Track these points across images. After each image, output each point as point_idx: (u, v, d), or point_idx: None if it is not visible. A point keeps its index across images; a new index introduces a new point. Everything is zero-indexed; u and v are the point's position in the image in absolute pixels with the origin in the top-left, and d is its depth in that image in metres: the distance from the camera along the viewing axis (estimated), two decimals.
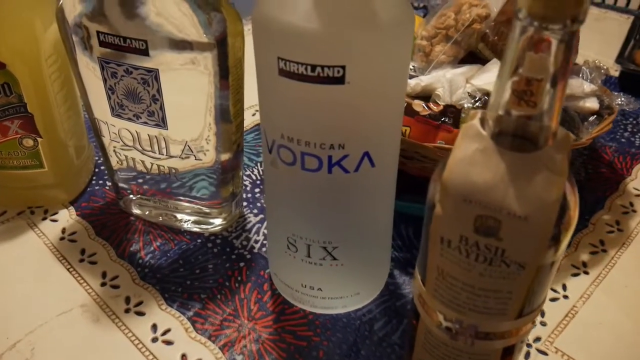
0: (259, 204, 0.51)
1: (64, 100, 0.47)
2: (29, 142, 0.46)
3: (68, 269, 0.44)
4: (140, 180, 0.46)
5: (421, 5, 0.89)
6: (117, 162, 0.46)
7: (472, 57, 0.49)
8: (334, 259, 0.37)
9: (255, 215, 0.50)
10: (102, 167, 0.55)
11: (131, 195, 0.49)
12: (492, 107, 0.25)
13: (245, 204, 0.51)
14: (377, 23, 0.28)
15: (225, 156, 0.43)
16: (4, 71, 0.42)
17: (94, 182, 0.53)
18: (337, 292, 0.39)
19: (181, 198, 0.46)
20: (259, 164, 0.56)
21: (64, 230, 0.48)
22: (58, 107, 0.46)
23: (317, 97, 0.30)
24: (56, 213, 0.49)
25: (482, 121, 0.26)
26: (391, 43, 0.29)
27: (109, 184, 0.53)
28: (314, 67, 0.28)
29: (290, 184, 0.35)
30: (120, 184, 0.48)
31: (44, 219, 0.49)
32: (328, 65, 0.28)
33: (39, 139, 0.46)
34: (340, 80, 0.29)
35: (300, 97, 0.30)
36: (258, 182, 0.53)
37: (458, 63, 0.47)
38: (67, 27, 0.39)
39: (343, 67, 0.28)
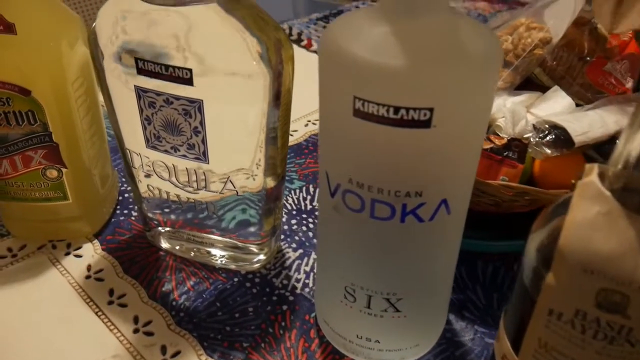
0: (296, 237, 0.47)
1: (89, 126, 0.43)
2: (52, 173, 0.42)
3: (96, 313, 0.40)
4: (170, 212, 0.43)
5: None
6: (147, 193, 0.42)
7: (527, 82, 0.46)
8: (397, 310, 0.34)
9: (294, 250, 0.46)
10: (127, 195, 0.52)
11: (160, 228, 0.45)
12: (616, 161, 0.22)
13: (281, 237, 0.47)
14: (470, 59, 0.25)
15: (270, 183, 0.39)
16: (29, 98, 0.38)
17: (118, 211, 0.50)
18: (396, 344, 0.36)
19: (216, 231, 0.43)
20: (292, 192, 0.52)
21: (89, 268, 0.44)
22: (84, 133, 0.43)
23: (397, 141, 0.26)
24: (80, 247, 0.46)
25: (602, 177, 0.22)
26: (482, 79, 0.26)
27: (134, 213, 0.50)
28: (397, 109, 0.25)
29: (354, 231, 0.31)
30: (149, 214, 0.44)
31: (67, 254, 0.45)
32: (414, 107, 0.25)
33: (64, 170, 0.42)
34: (426, 124, 0.25)
35: (377, 141, 0.27)
36: (294, 212, 0.50)
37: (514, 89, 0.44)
38: (99, 52, 0.36)
39: (431, 110, 0.25)
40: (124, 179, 0.53)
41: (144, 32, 0.34)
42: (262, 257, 0.44)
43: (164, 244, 0.46)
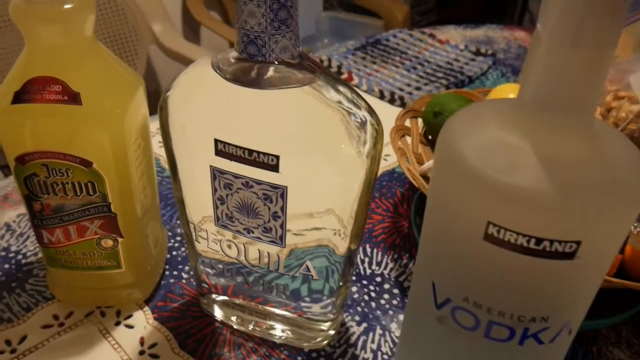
0: (359, 309, 0.45)
1: (142, 189, 0.40)
2: (108, 243, 0.40)
3: None
4: (230, 281, 0.40)
5: None
6: (206, 255, 0.39)
7: None
8: None
9: (358, 323, 0.43)
10: (174, 252, 0.49)
11: (214, 295, 0.42)
12: None
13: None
14: (624, 187, 0.22)
15: (353, 246, 0.36)
16: (90, 169, 0.36)
17: (167, 272, 0.47)
18: None
19: (280, 305, 0.40)
20: None
21: (142, 341, 0.41)
22: (140, 199, 0.40)
23: (531, 270, 0.24)
24: (131, 316, 0.43)
25: None
26: (632, 207, 0.23)
27: (184, 275, 0.47)
28: (539, 241, 0.22)
29: (461, 347, 0.28)
30: (204, 279, 0.41)
31: (118, 323, 0.43)
32: (560, 240, 0.22)
33: (120, 239, 0.40)
34: (569, 256, 0.23)
35: (508, 268, 0.24)
36: (353, 277, 0.47)
37: None
38: (169, 123, 0.33)
39: (578, 243, 0.22)
40: (173, 236, 0.50)
41: (226, 112, 0.32)
42: (330, 332, 0.41)
43: (219, 314, 0.43)
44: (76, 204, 0.37)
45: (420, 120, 0.54)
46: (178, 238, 0.51)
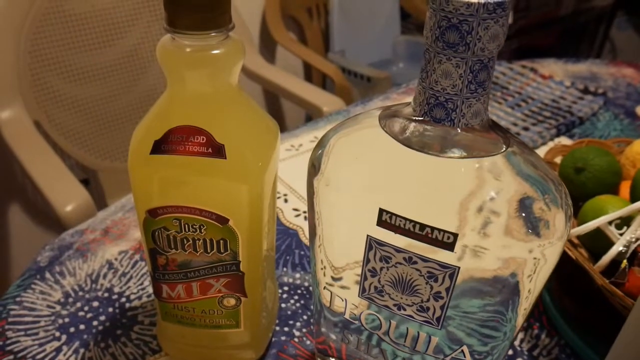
0: None
1: (267, 245, 0.37)
2: (230, 302, 0.36)
3: None
4: (358, 347, 0.36)
5: None
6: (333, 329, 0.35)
7: None
8: None
9: None
10: (283, 305, 0.45)
11: (332, 359, 0.38)
12: None
13: None
14: None
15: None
16: (225, 227, 0.32)
17: (277, 327, 0.44)
18: None
19: None
20: None
21: None
22: (265, 258, 0.37)
23: None
24: None
25: None
26: None
27: (296, 333, 0.43)
28: None
29: None
30: (327, 336, 0.37)
31: None
32: None
33: (243, 299, 0.36)
34: None
35: None
36: None
37: None
38: (319, 180, 0.30)
39: None
40: (280, 285, 0.47)
41: (395, 179, 0.28)
42: None
43: None
44: (204, 261, 0.34)
45: None
46: (285, 288, 0.47)
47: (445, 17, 0.23)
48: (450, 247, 0.27)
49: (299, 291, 0.47)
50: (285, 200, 0.58)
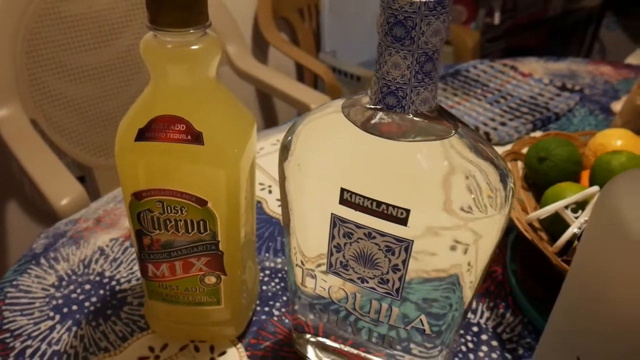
0: None
1: (244, 223, 0.40)
2: (211, 280, 0.39)
3: None
4: (329, 322, 0.38)
5: None
6: (306, 307, 0.38)
7: None
8: None
9: None
10: (264, 287, 0.48)
11: (308, 335, 0.41)
12: None
13: None
14: None
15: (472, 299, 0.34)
16: (204, 208, 0.35)
17: (258, 307, 0.46)
18: None
19: (380, 350, 0.38)
20: None
21: None
22: (243, 237, 0.39)
23: None
24: (224, 352, 0.43)
25: None
26: None
27: (275, 312, 0.46)
28: None
29: None
30: (300, 317, 0.40)
31: (212, 359, 0.42)
32: None
33: (223, 277, 0.39)
34: None
35: None
36: None
37: None
38: (289, 165, 0.32)
39: None
40: (262, 269, 0.50)
41: (355, 161, 0.31)
42: None
43: (312, 356, 0.42)
44: (186, 240, 0.37)
45: (519, 164, 0.52)
46: (267, 272, 0.50)
47: (392, 14, 0.26)
48: (403, 222, 0.30)
49: (279, 275, 0.50)
50: (270, 192, 0.61)
